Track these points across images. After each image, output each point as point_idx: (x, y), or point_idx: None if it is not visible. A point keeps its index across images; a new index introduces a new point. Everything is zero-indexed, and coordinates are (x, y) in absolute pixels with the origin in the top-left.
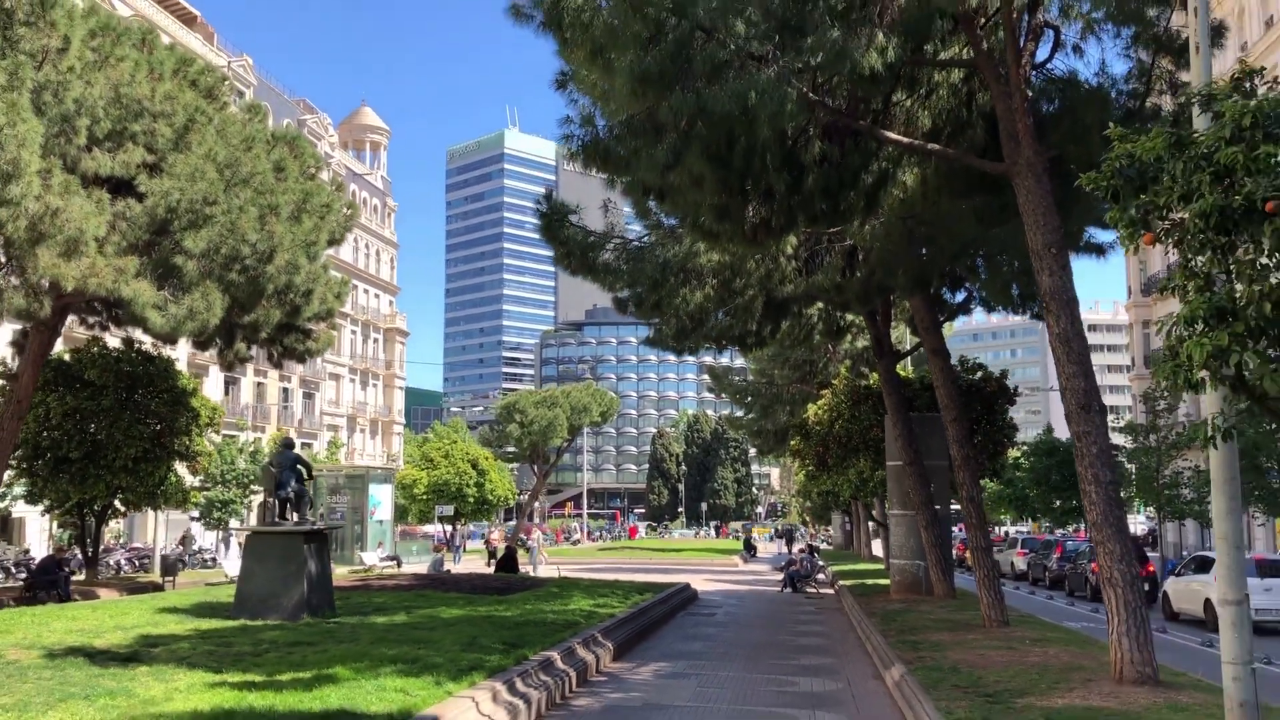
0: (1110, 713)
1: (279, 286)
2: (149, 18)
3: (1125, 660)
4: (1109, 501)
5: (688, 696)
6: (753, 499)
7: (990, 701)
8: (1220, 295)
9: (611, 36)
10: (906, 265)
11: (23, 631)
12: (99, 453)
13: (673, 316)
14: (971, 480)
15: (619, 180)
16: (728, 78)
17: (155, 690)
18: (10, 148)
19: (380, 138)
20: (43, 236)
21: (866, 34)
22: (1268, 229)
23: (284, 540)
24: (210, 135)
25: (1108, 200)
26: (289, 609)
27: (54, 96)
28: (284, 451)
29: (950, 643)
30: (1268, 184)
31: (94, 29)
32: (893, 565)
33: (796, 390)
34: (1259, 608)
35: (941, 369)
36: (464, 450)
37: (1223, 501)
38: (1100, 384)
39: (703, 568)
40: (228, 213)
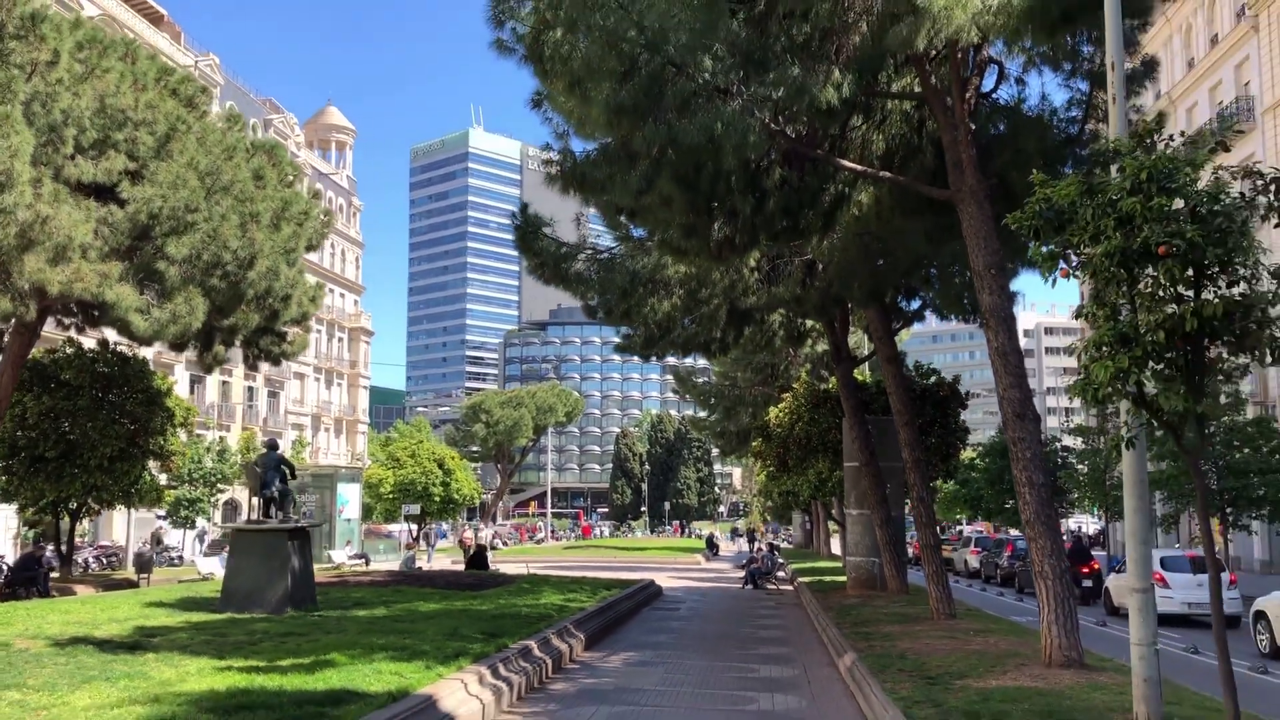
0: (1037, 691)
1: (259, 292)
2: (116, 16)
3: (1054, 646)
4: (1041, 502)
5: (656, 681)
6: (715, 498)
7: (931, 683)
8: (1123, 323)
9: (589, 70)
10: (862, 279)
11: (21, 624)
12: (75, 452)
13: (641, 325)
14: (922, 482)
15: (593, 201)
16: (696, 110)
17: (168, 674)
18: (4, 159)
19: (346, 137)
20: (32, 243)
21: (824, 70)
22: (1160, 269)
23: (269, 537)
24: (191, 144)
25: (1030, 238)
26: (274, 603)
27: (42, 107)
28: (269, 453)
29: (900, 634)
30: (1160, 230)
31: (81, 41)
32: (849, 562)
33: (758, 393)
34: (1192, 601)
35: (895, 376)
36: (430, 450)
37: (1132, 500)
38: (1057, 385)
39: (666, 565)
40: (210, 220)
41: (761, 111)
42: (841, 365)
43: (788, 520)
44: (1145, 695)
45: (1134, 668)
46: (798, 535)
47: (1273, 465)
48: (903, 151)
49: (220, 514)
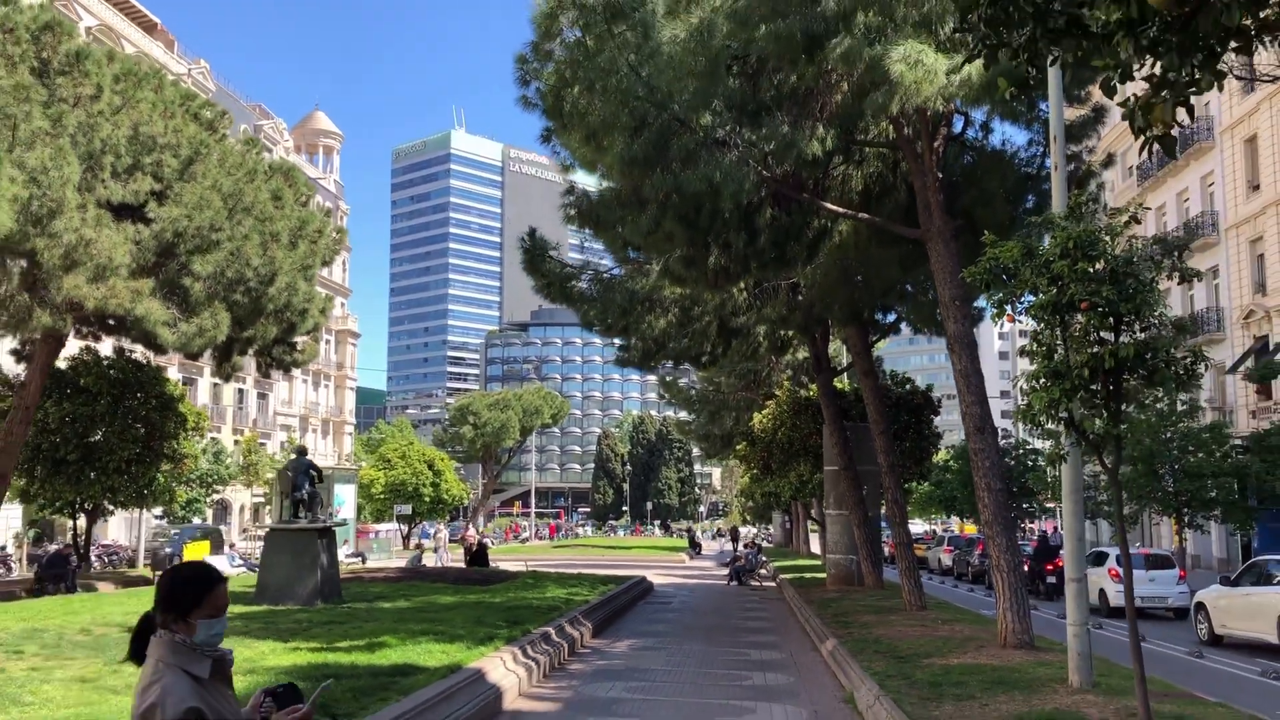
0: (991, 667)
1: (278, 306)
2: (113, 26)
3: (1009, 630)
4: (998, 505)
5: (660, 663)
6: (695, 498)
7: (902, 661)
8: (1056, 361)
9: (604, 125)
10: (842, 301)
11: (86, 614)
12: (94, 455)
13: (639, 339)
14: (895, 485)
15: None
16: (698, 160)
17: (247, 653)
18: (56, 188)
19: (333, 142)
20: (76, 264)
21: (809, 126)
22: (1084, 318)
23: (300, 536)
24: (214, 166)
25: (983, 289)
26: (304, 596)
27: (84, 136)
28: (298, 458)
29: (875, 623)
30: (1082, 289)
31: (117, 74)
32: (828, 560)
33: (741, 397)
34: (1145, 595)
35: (871, 389)
36: (420, 451)
37: (1069, 505)
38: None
39: (653, 563)
40: (233, 239)
41: (755, 161)
42: (822, 375)
43: (768, 520)
44: (1078, 667)
45: (1069, 645)
46: (778, 534)
47: (1225, 469)
48: (879, 188)
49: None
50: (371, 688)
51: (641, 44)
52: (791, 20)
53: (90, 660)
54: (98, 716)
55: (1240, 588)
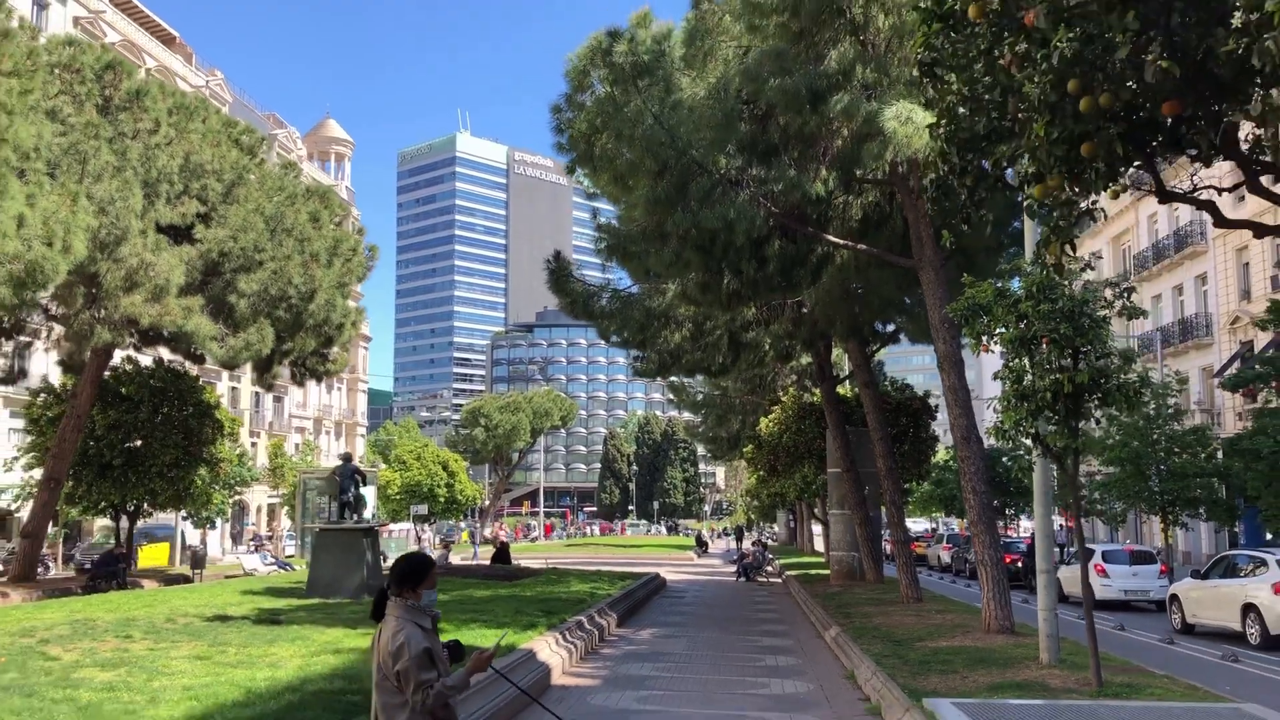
0: (975, 648)
1: (318, 321)
2: (135, 41)
3: (992, 617)
4: (982, 506)
5: (682, 648)
6: (700, 498)
7: (897, 644)
8: (1024, 385)
9: (631, 168)
10: (843, 318)
11: (161, 606)
12: (136, 460)
13: (655, 352)
14: (894, 487)
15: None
16: (714, 200)
17: (324, 637)
18: (123, 217)
19: (344, 149)
20: (136, 285)
21: (813, 169)
22: (1046, 350)
23: (347, 535)
24: (254, 190)
25: (962, 323)
26: (351, 590)
27: (143, 166)
28: (344, 464)
29: (875, 613)
30: (1043, 325)
31: (171, 108)
32: (832, 556)
33: (748, 401)
34: (1129, 589)
35: (871, 398)
36: (435, 453)
37: (1040, 508)
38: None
39: (663, 561)
40: (275, 259)
41: (764, 199)
42: (825, 384)
43: (773, 519)
44: (1047, 646)
45: (1040, 627)
46: (782, 533)
47: (1208, 469)
48: (876, 216)
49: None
50: None
51: (664, 97)
52: (797, 77)
53: (193, 642)
54: (235, 681)
55: (1209, 580)
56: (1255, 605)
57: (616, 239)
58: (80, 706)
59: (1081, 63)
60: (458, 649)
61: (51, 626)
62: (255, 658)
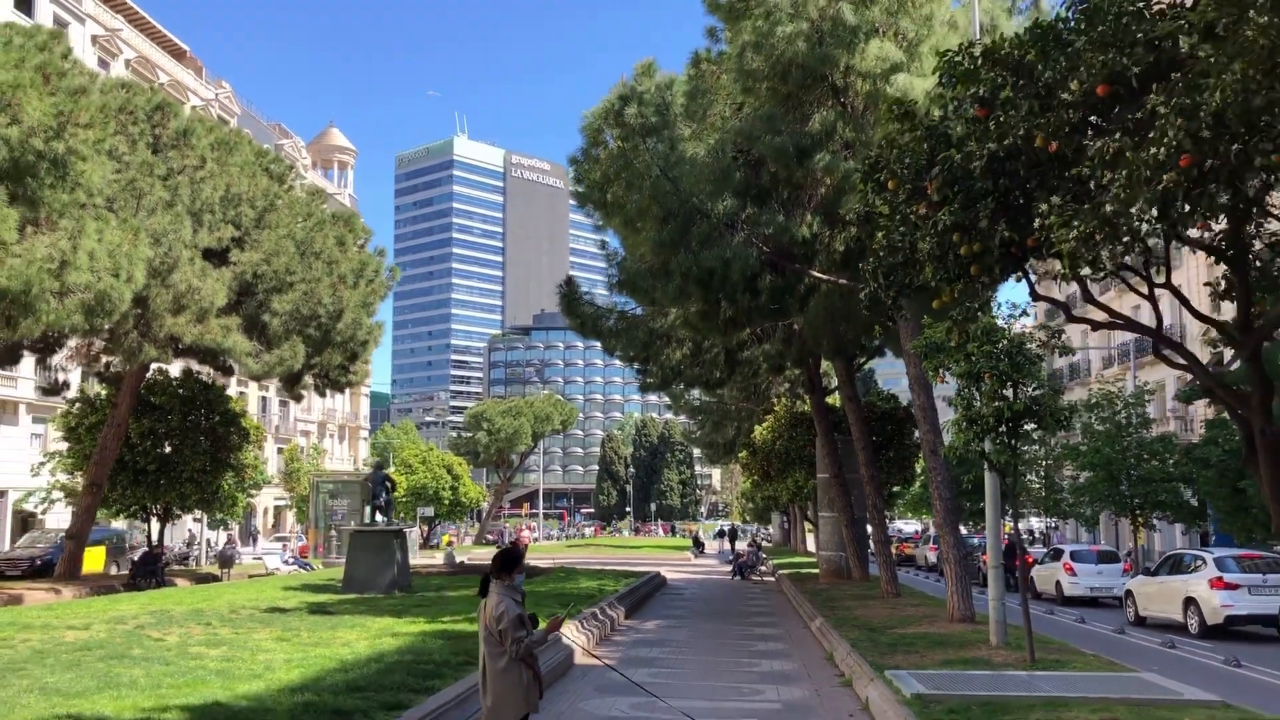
0: (937, 634)
1: (345, 338)
2: (149, 57)
3: (955, 608)
4: (948, 511)
5: (684, 636)
6: (696, 500)
7: (872, 631)
8: (973, 411)
9: (639, 214)
10: (829, 339)
11: (217, 601)
12: (168, 466)
13: (658, 368)
14: (876, 492)
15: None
16: (713, 242)
17: (379, 624)
18: (175, 248)
19: (347, 158)
20: (183, 308)
21: (799, 214)
22: (989, 383)
23: (379, 536)
24: (284, 215)
25: (922, 357)
26: (384, 586)
27: (189, 198)
28: (376, 471)
29: (856, 606)
30: (987, 363)
31: (213, 143)
32: (820, 556)
33: (743, 408)
34: (1095, 586)
35: (855, 411)
36: (440, 457)
37: (990, 512)
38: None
39: (661, 561)
40: (306, 280)
41: (757, 240)
42: (815, 396)
43: (768, 521)
44: (995, 630)
45: (990, 614)
46: (776, 534)
47: (1173, 475)
48: (857, 250)
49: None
50: None
51: (669, 153)
52: (785, 137)
53: (266, 628)
54: (323, 655)
55: (1158, 577)
56: (1195, 599)
57: (628, 274)
58: (215, 670)
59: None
60: (532, 619)
61: (135, 616)
62: (327, 639)
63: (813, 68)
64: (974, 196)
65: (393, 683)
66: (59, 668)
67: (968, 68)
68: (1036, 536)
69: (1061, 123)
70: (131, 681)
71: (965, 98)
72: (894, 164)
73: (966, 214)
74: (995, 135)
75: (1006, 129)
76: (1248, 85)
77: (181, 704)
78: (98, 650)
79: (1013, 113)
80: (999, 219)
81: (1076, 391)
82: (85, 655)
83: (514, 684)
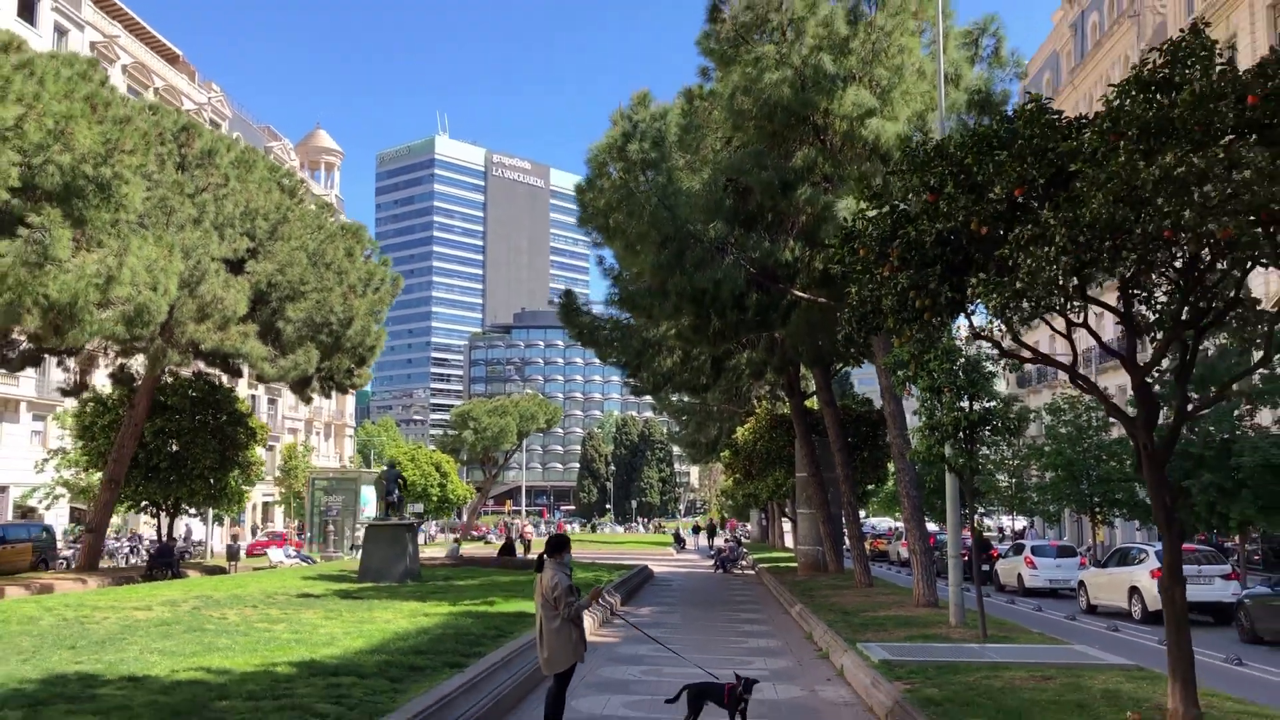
0: (904, 616)
1: (354, 344)
2: (146, 63)
3: (920, 594)
4: (914, 508)
5: (677, 620)
6: (676, 497)
7: (846, 614)
8: (935, 419)
9: (639, 238)
10: (808, 349)
11: (250, 588)
12: (179, 463)
13: (650, 374)
14: (850, 490)
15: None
16: (705, 265)
17: (406, 607)
18: (204, 261)
19: (334, 159)
20: (206, 316)
21: (783, 240)
22: (948, 395)
23: (392, 530)
24: (296, 228)
25: (891, 373)
26: (397, 575)
27: (214, 214)
28: (390, 469)
29: (832, 594)
30: (945, 379)
31: (233, 161)
32: (799, 550)
33: (725, 410)
34: (1054, 578)
35: (831, 416)
36: (428, 455)
37: (951, 509)
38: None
39: (646, 556)
40: (318, 290)
41: (745, 262)
42: (794, 400)
43: (746, 517)
44: (954, 612)
45: (950, 598)
46: (754, 530)
47: (1130, 475)
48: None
49: None
50: (509, 623)
51: (666, 185)
52: (770, 172)
53: (310, 610)
54: (376, 629)
55: (1108, 569)
56: (1138, 588)
57: (628, 294)
58: (290, 640)
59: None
60: (578, 590)
61: (184, 600)
62: (369, 618)
63: (796, 110)
64: (926, 262)
65: (445, 649)
66: (154, 637)
67: (922, 159)
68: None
69: (989, 213)
70: (227, 647)
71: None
72: (864, 235)
73: (920, 275)
74: (941, 216)
75: (950, 213)
76: (1113, 204)
77: (285, 661)
78: (175, 625)
79: (954, 201)
80: (944, 281)
81: (1044, 394)
82: (168, 629)
83: (566, 640)
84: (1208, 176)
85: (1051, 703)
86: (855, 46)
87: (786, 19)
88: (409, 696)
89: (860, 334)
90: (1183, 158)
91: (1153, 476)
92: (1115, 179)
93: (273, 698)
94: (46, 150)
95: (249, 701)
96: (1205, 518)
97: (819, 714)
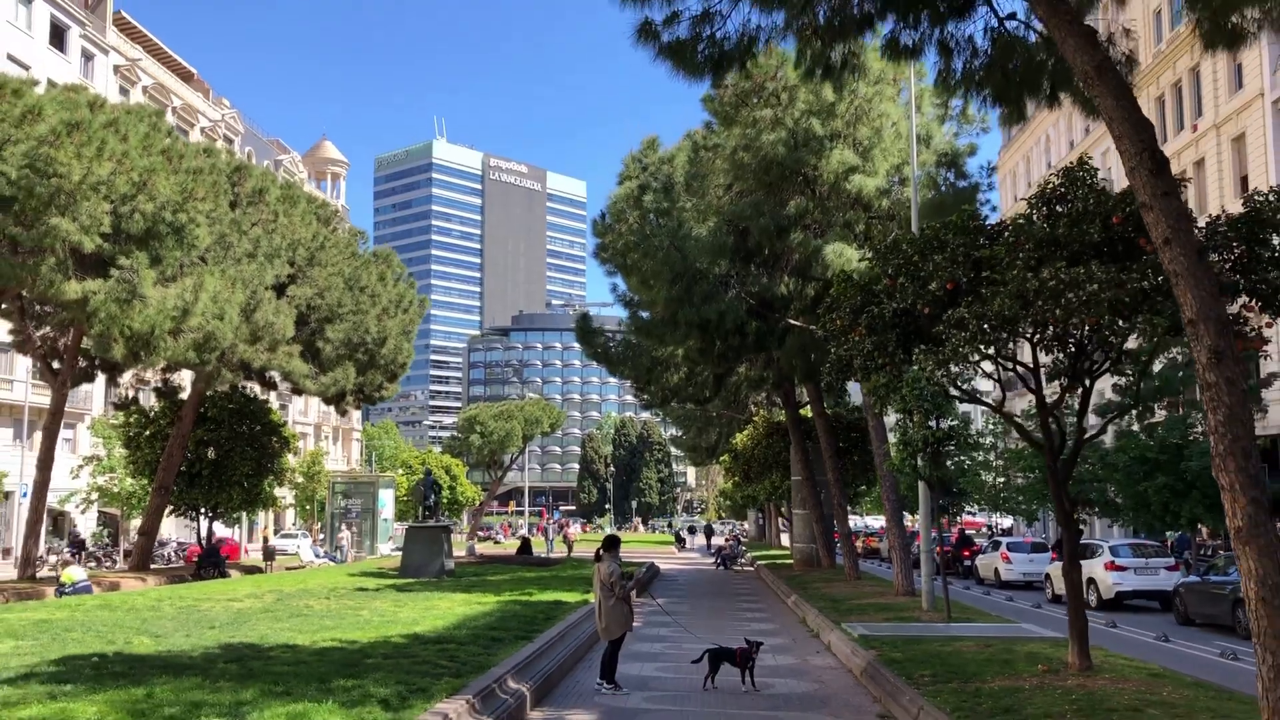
0: (884, 603)
1: (387, 361)
2: (165, 83)
3: (900, 585)
4: (894, 509)
5: (687, 609)
6: (674, 497)
7: (835, 602)
8: (908, 435)
9: (653, 274)
10: (801, 367)
11: (310, 582)
12: (220, 471)
13: (658, 389)
14: (841, 494)
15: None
16: (711, 298)
17: (458, 598)
18: (259, 291)
19: (340, 169)
20: (259, 339)
21: (779, 276)
22: (918, 415)
23: (430, 531)
24: (333, 254)
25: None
26: (434, 571)
27: (265, 246)
28: (427, 476)
29: (824, 586)
30: (915, 403)
31: (279, 197)
32: (794, 548)
33: (725, 415)
34: (1027, 572)
35: (823, 426)
36: (437, 459)
37: (923, 513)
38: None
39: (650, 554)
40: (355, 312)
41: (746, 295)
42: (790, 410)
43: (744, 517)
44: (926, 598)
45: (923, 586)
46: (752, 530)
47: (1100, 476)
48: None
49: None
50: (550, 609)
51: (676, 230)
52: (767, 218)
53: (378, 600)
54: (445, 612)
55: None
56: (1094, 579)
57: (642, 325)
58: (382, 621)
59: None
60: (628, 575)
61: (260, 594)
62: (433, 606)
63: (790, 166)
64: (886, 330)
65: (511, 626)
66: (269, 620)
67: (884, 250)
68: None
69: (930, 299)
70: (335, 626)
71: (883, 271)
72: (840, 308)
73: (881, 340)
74: (897, 298)
75: (903, 296)
76: (1010, 303)
77: (393, 634)
78: (277, 611)
79: (904, 289)
80: (899, 346)
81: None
82: (274, 615)
83: (620, 614)
84: (1074, 286)
85: (986, 661)
86: (841, 110)
87: (781, 85)
88: (501, 657)
89: (838, 380)
90: (1055, 273)
91: (1055, 488)
92: (1012, 283)
93: (403, 656)
94: (132, 200)
95: (388, 659)
96: (1160, 516)
97: (809, 674)
